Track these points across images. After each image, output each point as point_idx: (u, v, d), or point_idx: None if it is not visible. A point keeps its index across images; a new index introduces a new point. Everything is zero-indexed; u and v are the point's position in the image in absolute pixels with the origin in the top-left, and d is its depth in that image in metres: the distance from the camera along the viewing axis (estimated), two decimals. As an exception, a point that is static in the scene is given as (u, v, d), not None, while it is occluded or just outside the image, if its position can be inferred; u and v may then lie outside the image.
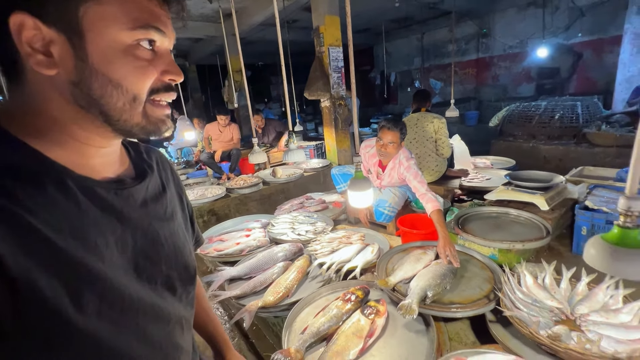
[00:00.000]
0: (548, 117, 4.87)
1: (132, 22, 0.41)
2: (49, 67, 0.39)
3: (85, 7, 0.38)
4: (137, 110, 0.44)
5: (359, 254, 1.74)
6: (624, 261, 0.64)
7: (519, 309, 1.20)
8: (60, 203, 0.40)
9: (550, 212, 1.83)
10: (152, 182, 0.56)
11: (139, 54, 0.43)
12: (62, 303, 0.38)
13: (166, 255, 0.54)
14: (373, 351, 1.19)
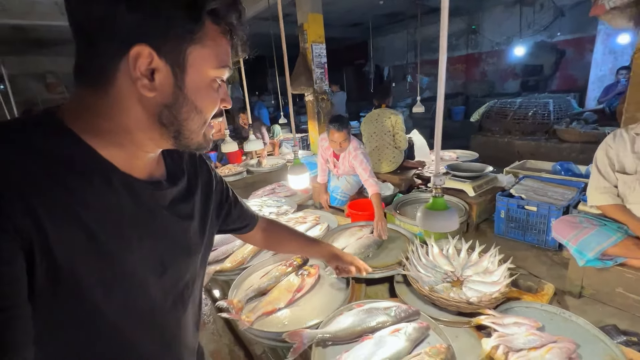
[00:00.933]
0: (523, 114, 5.10)
1: (218, 63, 0.48)
2: (150, 90, 0.44)
3: (192, 47, 0.45)
4: (202, 131, 0.52)
5: (308, 230, 2.03)
6: (433, 219, 0.91)
7: (419, 271, 1.49)
8: (104, 196, 0.44)
9: (477, 197, 2.10)
10: (182, 184, 0.61)
11: (215, 86, 0.50)
12: (93, 291, 0.43)
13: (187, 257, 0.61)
14: (300, 302, 1.48)
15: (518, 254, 1.89)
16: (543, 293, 1.39)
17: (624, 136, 1.45)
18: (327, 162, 2.42)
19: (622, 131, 1.47)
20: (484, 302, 1.24)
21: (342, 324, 1.25)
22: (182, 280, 0.60)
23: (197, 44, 0.45)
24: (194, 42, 0.45)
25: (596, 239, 1.36)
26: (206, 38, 0.46)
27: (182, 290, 0.60)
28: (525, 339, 1.07)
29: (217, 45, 0.47)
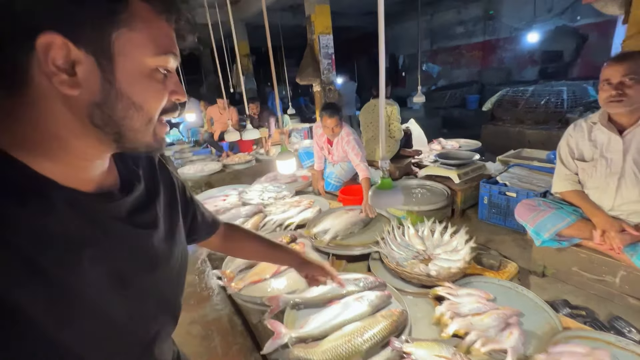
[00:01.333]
0: (535, 102, 4.98)
1: (157, 49, 0.42)
2: (72, 86, 0.38)
3: (119, 32, 0.39)
4: (149, 130, 0.45)
5: (300, 213, 2.20)
6: (381, 197, 1.05)
7: (393, 249, 1.63)
8: (42, 217, 0.38)
9: (462, 184, 2.19)
10: (139, 192, 0.54)
11: (157, 77, 0.44)
12: (43, 322, 0.37)
13: (152, 267, 0.54)
14: (284, 274, 1.66)
15: (497, 238, 1.98)
16: (505, 271, 1.50)
17: (582, 126, 1.51)
18: (322, 149, 2.56)
19: (581, 121, 1.53)
20: (442, 275, 1.37)
21: (315, 291, 1.42)
22: (151, 297, 0.54)
23: (124, 28, 0.39)
24: (119, 25, 0.39)
25: (552, 221, 1.45)
26: (135, 20, 0.40)
27: (153, 308, 0.54)
28: (470, 307, 1.20)
29: (151, 28, 0.41)
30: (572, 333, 1.10)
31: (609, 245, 1.28)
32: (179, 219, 0.64)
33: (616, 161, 1.38)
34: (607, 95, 1.30)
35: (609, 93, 1.29)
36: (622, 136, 1.36)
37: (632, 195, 1.36)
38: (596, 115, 1.46)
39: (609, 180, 1.41)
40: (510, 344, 1.05)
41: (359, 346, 1.12)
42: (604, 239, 1.31)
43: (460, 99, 7.67)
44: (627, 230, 1.28)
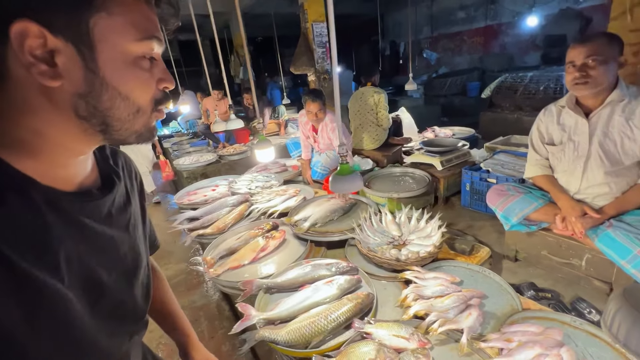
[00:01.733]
0: (534, 89, 4.89)
1: (140, 34, 0.40)
2: (53, 78, 0.36)
3: (97, 17, 0.37)
4: (138, 120, 0.43)
5: (285, 201, 2.24)
6: (340, 182, 1.07)
7: (368, 235, 1.66)
8: (22, 217, 0.37)
9: (445, 171, 2.20)
10: (119, 192, 0.53)
11: (143, 64, 0.42)
12: (16, 328, 0.35)
13: (126, 271, 0.53)
14: (263, 260, 1.70)
15: (477, 224, 1.99)
16: (476, 255, 1.52)
17: (552, 110, 1.51)
18: (308, 137, 2.58)
19: (551, 106, 1.52)
20: (411, 259, 1.40)
21: (288, 275, 1.46)
22: (126, 305, 0.53)
23: (102, 12, 0.37)
24: (96, 9, 0.37)
25: (520, 205, 1.45)
26: (112, 4, 0.38)
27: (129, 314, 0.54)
28: (433, 289, 1.23)
29: (130, 12, 0.39)
30: (529, 314, 1.12)
31: (571, 231, 1.28)
32: (145, 226, 0.64)
33: (583, 144, 1.38)
34: (572, 77, 1.30)
35: (574, 75, 1.29)
36: (589, 119, 1.36)
37: (597, 178, 1.36)
38: (564, 99, 1.45)
39: (576, 164, 1.41)
40: (467, 324, 1.08)
41: (323, 327, 1.16)
42: (566, 224, 1.32)
43: (461, 86, 7.55)
44: (589, 213, 1.29)
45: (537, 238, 1.46)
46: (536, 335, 1.00)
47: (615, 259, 1.17)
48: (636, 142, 1.27)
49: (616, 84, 1.30)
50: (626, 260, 1.14)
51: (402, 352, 1.04)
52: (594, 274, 1.31)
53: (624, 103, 1.28)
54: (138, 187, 0.62)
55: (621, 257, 1.16)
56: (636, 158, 1.29)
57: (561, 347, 0.95)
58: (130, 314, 0.55)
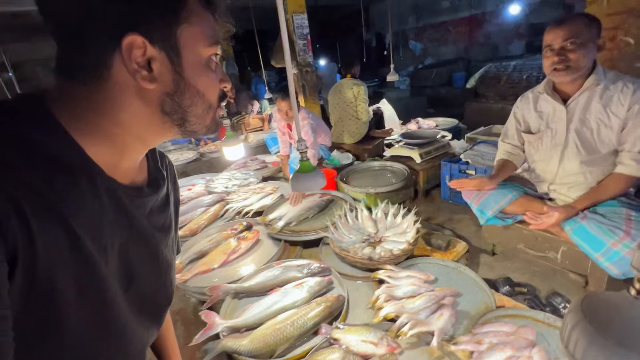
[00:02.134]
0: (517, 77, 4.88)
1: (210, 39, 0.46)
2: (151, 81, 0.42)
3: (182, 28, 0.43)
4: (209, 115, 0.49)
5: (260, 200, 2.16)
6: (300, 180, 1.00)
7: (343, 233, 1.59)
8: (89, 200, 0.42)
9: (424, 164, 2.14)
10: (161, 194, 0.57)
11: (212, 66, 0.48)
12: (66, 299, 0.38)
13: (157, 270, 0.57)
14: (234, 262, 1.63)
15: (456, 217, 1.95)
16: (453, 251, 1.47)
17: (529, 97, 1.46)
18: (284, 134, 2.50)
19: (528, 92, 1.47)
20: (384, 258, 1.34)
21: (258, 279, 1.39)
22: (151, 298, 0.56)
23: (185, 24, 0.43)
24: (182, 22, 0.43)
25: (495, 198, 1.41)
26: (192, 15, 0.44)
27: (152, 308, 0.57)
28: (405, 289, 1.18)
29: (203, 21, 0.45)
30: (503, 312, 1.08)
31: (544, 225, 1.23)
32: (176, 231, 0.66)
33: (560, 132, 1.33)
34: (550, 62, 1.23)
35: (552, 60, 1.21)
36: (566, 105, 1.30)
37: (574, 167, 1.31)
38: (541, 85, 1.39)
39: (553, 152, 1.36)
40: (438, 325, 1.03)
41: (289, 334, 1.10)
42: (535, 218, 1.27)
43: (446, 77, 7.51)
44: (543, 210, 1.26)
45: (513, 231, 1.42)
46: (508, 336, 0.96)
47: (589, 252, 1.13)
48: (612, 129, 1.22)
49: (593, 68, 1.23)
50: (600, 253, 1.11)
51: (371, 358, 0.98)
52: (569, 267, 1.28)
53: (601, 88, 1.21)
54: (176, 187, 0.67)
55: (595, 250, 1.12)
56: (612, 147, 1.24)
57: (533, 348, 0.91)
58: (151, 309, 0.57)
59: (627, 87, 1.20)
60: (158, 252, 0.56)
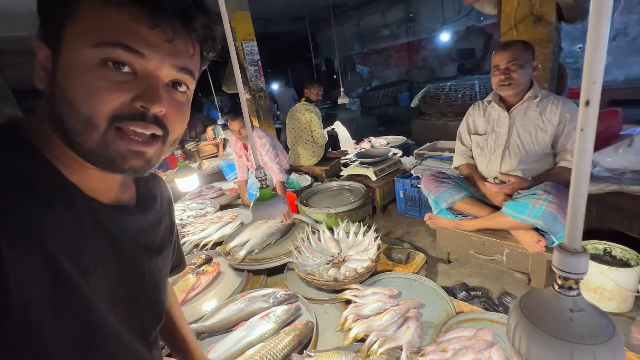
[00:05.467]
0: (453, 96, 5.40)
1: (98, 39, 0.37)
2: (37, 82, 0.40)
3: (66, 23, 0.38)
4: (91, 134, 0.39)
5: (219, 230, 2.08)
6: (261, 208, 0.99)
7: (307, 256, 1.59)
8: (67, 222, 0.40)
9: (379, 181, 2.25)
10: (151, 214, 0.55)
11: (103, 74, 0.38)
12: (45, 321, 0.37)
13: (145, 290, 0.54)
14: (194, 300, 1.52)
15: (413, 229, 2.06)
16: (413, 263, 1.54)
17: (480, 105, 1.70)
18: (241, 157, 2.47)
19: (479, 102, 1.71)
20: (349, 278, 1.36)
21: (220, 315, 1.32)
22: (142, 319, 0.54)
23: (71, 19, 0.37)
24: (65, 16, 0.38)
25: (450, 192, 1.58)
26: (82, 10, 0.37)
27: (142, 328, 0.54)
28: (371, 307, 1.20)
29: (95, 17, 0.37)
30: (462, 317, 1.14)
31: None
32: (169, 255, 0.64)
33: (502, 134, 1.58)
34: (498, 79, 1.47)
35: (499, 78, 1.44)
36: (509, 112, 1.55)
37: (514, 164, 1.55)
38: (490, 95, 1.63)
39: (497, 152, 1.60)
40: (405, 339, 1.05)
41: (259, 369, 1.05)
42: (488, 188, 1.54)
43: (392, 97, 8.05)
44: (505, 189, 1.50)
45: (464, 239, 1.54)
46: (469, 340, 1.01)
47: (519, 217, 1.36)
48: (547, 132, 1.50)
49: (531, 84, 1.47)
50: (526, 214, 1.33)
51: (343, 383, 0.97)
52: (514, 267, 1.41)
53: (537, 100, 1.50)
54: (171, 209, 0.65)
55: (522, 213, 1.34)
56: (546, 148, 1.52)
57: (492, 348, 0.97)
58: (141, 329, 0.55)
59: (557, 100, 1.49)
60: (144, 272, 0.53)
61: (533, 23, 1.95)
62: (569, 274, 0.39)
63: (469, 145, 1.77)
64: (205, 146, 5.34)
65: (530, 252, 1.36)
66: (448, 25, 7.40)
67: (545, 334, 0.40)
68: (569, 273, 0.38)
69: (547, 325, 0.41)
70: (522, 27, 2.01)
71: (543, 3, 1.90)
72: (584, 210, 0.38)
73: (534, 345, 0.41)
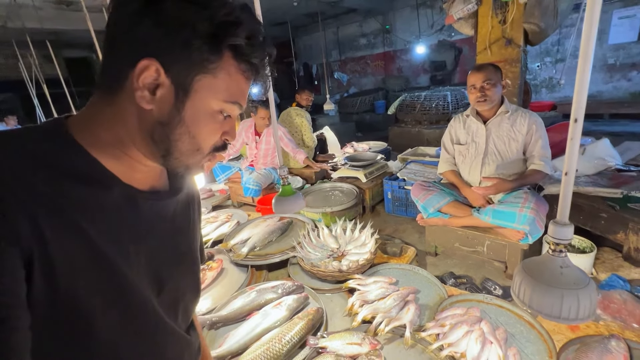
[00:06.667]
0: (428, 105, 5.76)
1: (227, 97, 0.47)
2: (149, 103, 0.44)
3: (203, 75, 0.44)
4: (194, 158, 0.49)
5: (217, 229, 2.13)
6: (284, 203, 1.10)
7: (309, 251, 1.70)
8: (106, 208, 0.44)
9: (369, 182, 2.41)
10: (182, 197, 0.59)
11: (217, 118, 0.48)
12: (91, 304, 0.41)
13: (184, 272, 0.59)
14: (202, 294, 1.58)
15: (401, 227, 2.24)
16: (405, 256, 1.70)
17: (459, 118, 1.93)
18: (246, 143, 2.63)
19: (459, 115, 1.94)
20: (352, 269, 1.49)
21: (233, 306, 1.40)
22: (182, 299, 0.58)
23: (208, 74, 0.45)
24: (206, 71, 0.44)
25: (436, 199, 1.78)
26: (221, 71, 0.45)
27: (183, 310, 0.58)
28: (376, 293, 1.34)
29: (230, 80, 0.46)
30: (454, 299, 1.31)
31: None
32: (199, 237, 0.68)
33: (481, 144, 1.82)
34: (475, 97, 1.69)
35: (476, 95, 1.67)
36: (486, 125, 1.80)
37: (492, 169, 1.81)
38: (468, 110, 1.86)
39: (477, 160, 1.84)
40: (408, 318, 1.20)
41: (278, 351, 1.15)
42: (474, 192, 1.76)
43: (369, 104, 8.37)
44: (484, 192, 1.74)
45: (450, 233, 1.73)
46: (462, 316, 1.18)
47: (508, 225, 1.60)
48: (517, 141, 1.78)
49: (502, 100, 1.71)
50: (515, 222, 1.57)
51: (357, 357, 1.10)
52: (493, 257, 1.62)
53: (508, 114, 1.73)
54: (197, 201, 0.68)
55: (510, 221, 1.58)
56: (519, 154, 1.81)
57: (481, 322, 1.15)
58: (183, 310, 0.59)
59: (524, 113, 1.76)
60: (182, 253, 0.59)
61: (505, 45, 2.22)
62: (560, 240, 0.54)
63: (452, 153, 2.00)
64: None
65: (513, 240, 1.60)
66: (422, 39, 7.86)
67: (543, 284, 0.56)
68: (560, 240, 0.54)
69: (543, 278, 0.56)
70: (495, 47, 2.27)
71: (513, 28, 2.18)
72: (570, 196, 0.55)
73: (535, 294, 0.56)
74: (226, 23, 0.43)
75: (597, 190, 1.72)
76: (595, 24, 0.46)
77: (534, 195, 1.56)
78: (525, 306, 0.57)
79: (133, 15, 0.42)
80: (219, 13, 0.43)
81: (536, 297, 0.56)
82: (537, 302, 0.56)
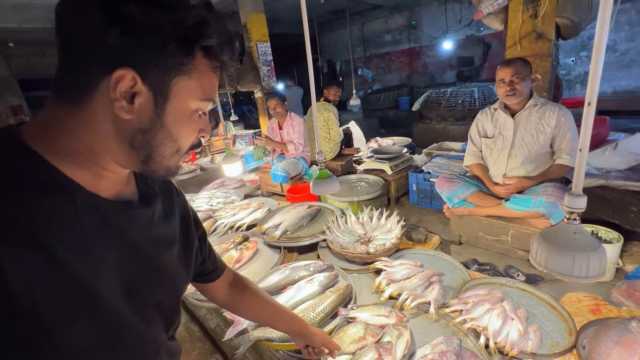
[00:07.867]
0: (454, 102, 5.70)
1: (202, 95, 0.48)
2: (128, 112, 0.43)
3: (179, 78, 0.45)
4: (174, 159, 0.50)
5: (251, 214, 2.30)
6: (319, 186, 1.22)
7: (337, 236, 1.82)
8: (67, 217, 0.42)
9: (394, 175, 2.49)
10: (157, 209, 0.58)
11: (195, 117, 0.50)
12: (56, 318, 0.39)
13: (161, 281, 0.57)
14: (240, 271, 1.74)
15: (425, 218, 2.31)
16: (430, 243, 1.78)
17: (487, 112, 1.96)
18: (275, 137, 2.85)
19: (487, 108, 1.97)
20: (379, 252, 1.60)
21: (269, 281, 1.54)
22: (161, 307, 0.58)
23: (184, 76, 0.45)
24: (182, 73, 0.45)
25: (461, 190, 1.84)
26: (195, 71, 0.46)
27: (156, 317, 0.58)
28: (402, 273, 1.44)
29: (204, 79, 0.48)
30: (477, 281, 1.39)
31: None
32: (191, 247, 0.67)
33: (508, 137, 1.86)
34: (504, 90, 1.74)
35: (505, 89, 1.72)
36: (514, 118, 1.84)
37: (518, 162, 1.84)
38: (496, 104, 1.90)
39: (504, 152, 1.88)
40: (432, 296, 1.29)
41: (312, 319, 1.27)
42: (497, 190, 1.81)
43: (393, 100, 8.33)
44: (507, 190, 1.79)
45: (475, 223, 1.79)
46: (484, 296, 1.26)
47: (522, 209, 1.69)
48: (546, 134, 1.81)
49: (531, 94, 1.75)
50: (529, 207, 1.65)
51: (385, 327, 1.20)
52: (517, 246, 1.67)
53: (537, 107, 1.75)
54: (181, 210, 0.66)
55: (526, 207, 1.66)
56: (546, 147, 1.82)
57: (503, 302, 1.22)
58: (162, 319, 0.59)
59: (553, 107, 1.78)
60: (159, 263, 0.57)
61: (535, 39, 2.22)
62: (574, 209, 0.62)
63: (479, 146, 2.04)
64: (216, 141, 5.54)
65: (540, 227, 1.67)
66: (449, 34, 7.72)
67: (557, 247, 0.64)
68: (575, 208, 0.62)
69: (558, 243, 0.65)
70: (525, 42, 2.27)
71: (545, 22, 2.17)
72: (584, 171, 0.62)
73: (550, 256, 0.64)
74: (196, 24, 0.43)
75: (627, 184, 1.71)
76: (609, 10, 0.54)
77: (554, 184, 1.63)
78: (542, 267, 0.65)
79: (98, 24, 0.40)
80: (188, 15, 0.43)
81: (551, 259, 0.65)
82: (552, 262, 0.64)
